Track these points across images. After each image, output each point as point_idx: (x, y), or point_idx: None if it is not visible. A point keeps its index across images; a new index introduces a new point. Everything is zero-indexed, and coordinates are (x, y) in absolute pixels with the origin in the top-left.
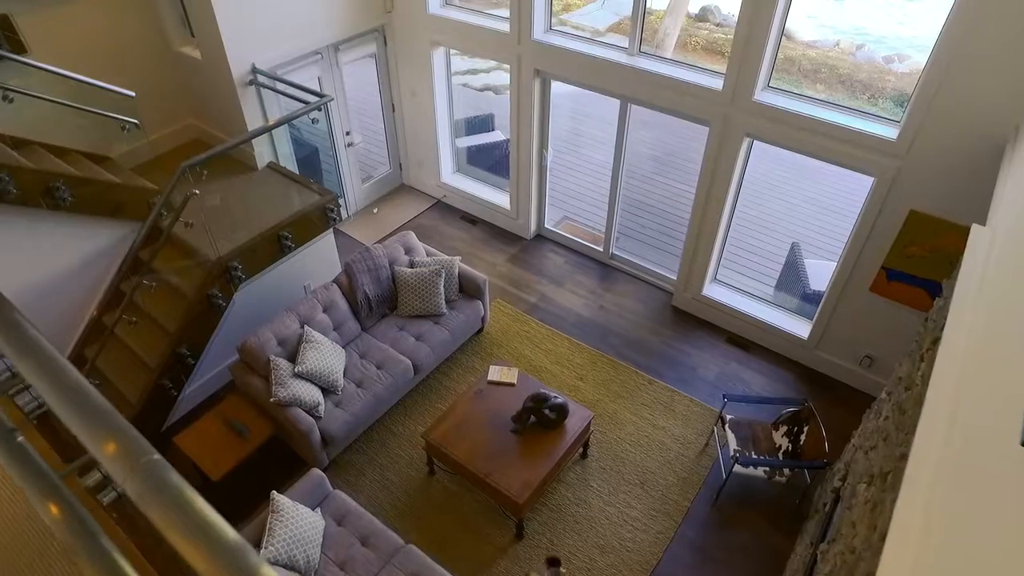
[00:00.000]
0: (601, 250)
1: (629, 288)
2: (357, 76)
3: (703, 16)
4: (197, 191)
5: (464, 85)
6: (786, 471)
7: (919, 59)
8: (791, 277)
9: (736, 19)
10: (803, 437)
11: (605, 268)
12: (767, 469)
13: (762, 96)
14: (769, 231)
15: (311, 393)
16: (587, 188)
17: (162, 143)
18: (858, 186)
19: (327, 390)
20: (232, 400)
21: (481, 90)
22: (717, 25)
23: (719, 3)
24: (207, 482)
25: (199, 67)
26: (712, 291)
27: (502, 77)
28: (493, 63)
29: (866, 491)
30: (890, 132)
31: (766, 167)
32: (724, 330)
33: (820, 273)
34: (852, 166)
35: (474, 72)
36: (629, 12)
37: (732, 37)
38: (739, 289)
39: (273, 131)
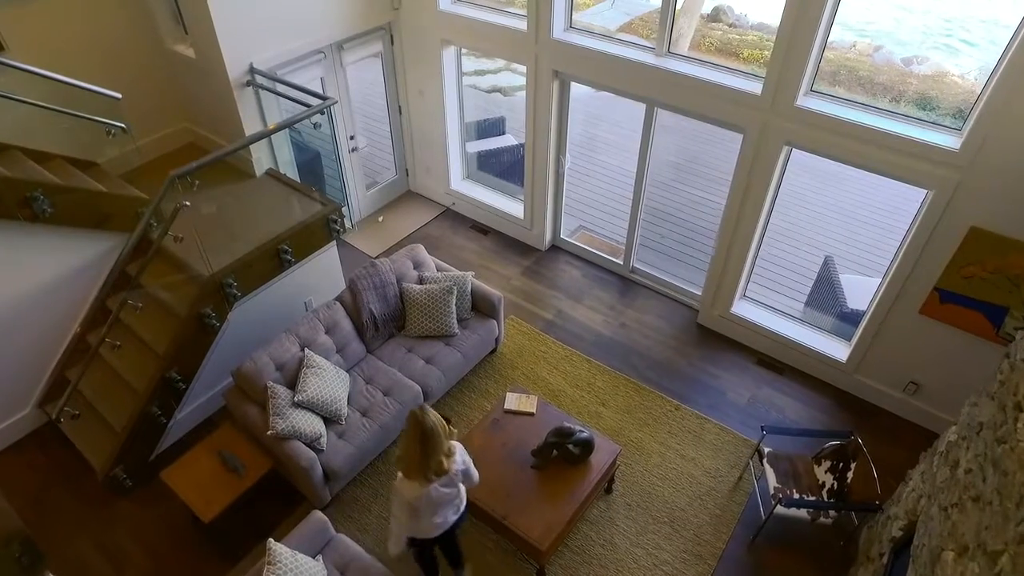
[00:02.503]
0: (621, 263)
1: (651, 304)
2: (362, 77)
3: (716, 16)
4: (188, 203)
5: (471, 86)
6: (832, 511)
7: (938, 61)
8: (825, 294)
9: (750, 19)
10: (850, 474)
11: (625, 282)
12: (811, 510)
13: (805, 101)
14: (795, 242)
15: (312, 424)
16: (602, 195)
17: (154, 148)
18: (890, 195)
19: (329, 420)
20: (225, 430)
21: (489, 92)
22: (730, 26)
23: (732, 3)
24: (197, 524)
25: (193, 67)
26: (741, 308)
27: (511, 78)
28: (501, 63)
29: (957, 564)
30: (951, 141)
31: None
32: (754, 351)
33: (857, 290)
34: (905, 178)
35: (481, 73)
36: (640, 12)
37: (746, 38)
38: (770, 307)
39: (272, 136)
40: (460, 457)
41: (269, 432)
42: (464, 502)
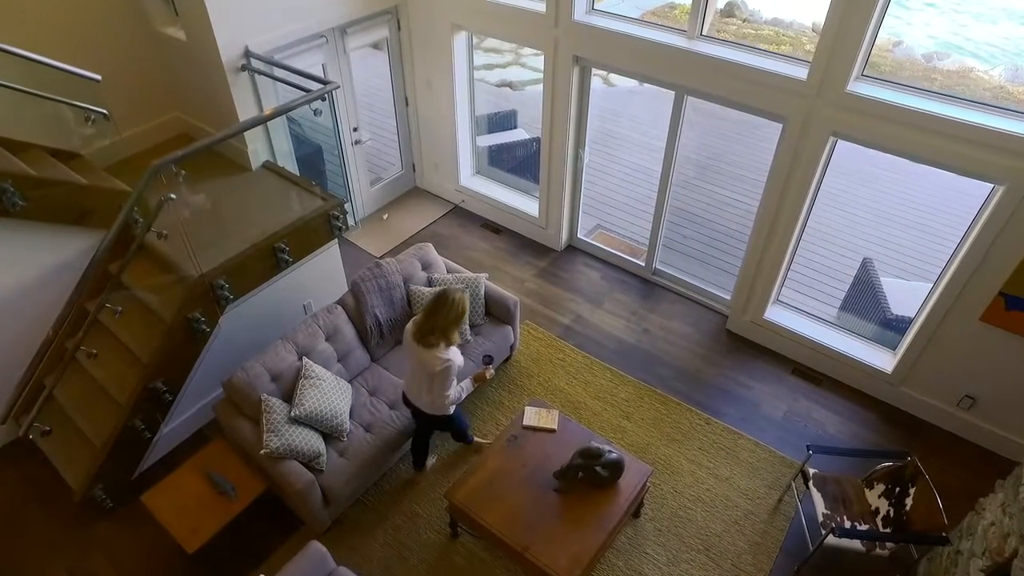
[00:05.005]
0: (642, 264)
1: (676, 309)
2: (366, 68)
3: (729, 12)
4: (173, 196)
5: (480, 81)
6: (888, 543)
7: (960, 57)
8: (864, 298)
9: (763, 15)
10: (908, 500)
11: (647, 285)
12: (866, 540)
13: (856, 86)
14: (827, 243)
15: (310, 441)
16: (620, 193)
17: (144, 138)
18: (926, 194)
19: (330, 436)
20: (215, 447)
21: (498, 86)
22: (744, 21)
23: None
24: (183, 551)
25: (184, 50)
26: (775, 314)
27: (520, 73)
28: (510, 57)
29: None
30: None
31: None
32: (790, 360)
33: (901, 295)
34: (973, 172)
35: (490, 67)
36: (653, 5)
37: (760, 33)
38: (806, 312)
39: (269, 126)
40: (443, 363)
41: (262, 451)
42: (433, 412)
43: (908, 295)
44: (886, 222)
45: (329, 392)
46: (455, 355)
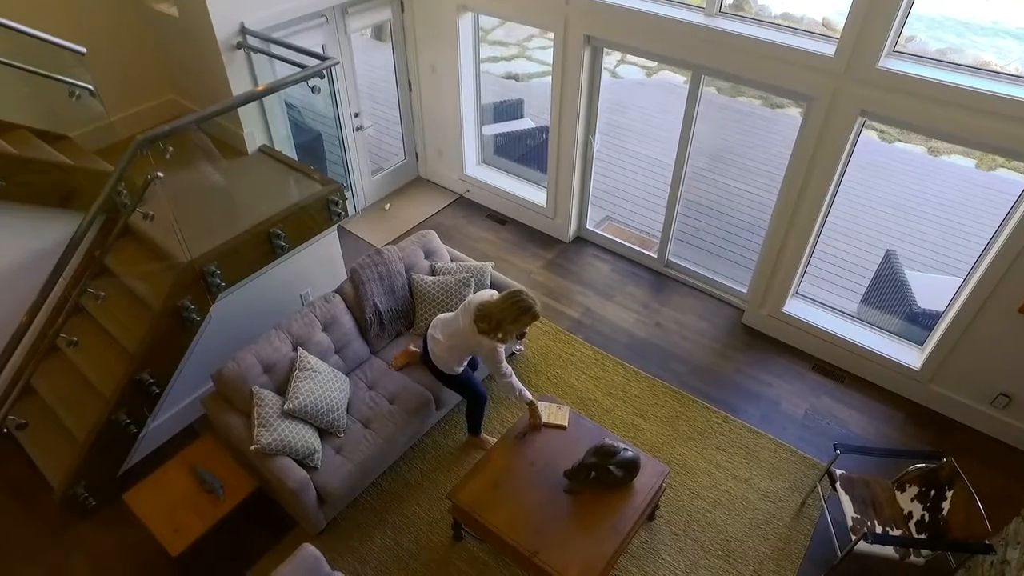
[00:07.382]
0: (654, 256)
1: (690, 302)
2: (369, 60)
3: (739, 5)
4: (161, 174)
5: (485, 72)
6: (924, 550)
7: (973, 53)
8: (888, 292)
9: (772, 10)
10: (945, 504)
11: (660, 278)
12: (900, 547)
13: (888, 62)
14: (846, 235)
15: (305, 437)
16: (630, 184)
17: (136, 122)
18: (941, 186)
19: (326, 432)
20: (203, 442)
21: (505, 78)
22: (754, 15)
23: None
24: (166, 557)
25: (177, 27)
26: (794, 308)
27: (525, 66)
28: (515, 50)
29: None
30: None
31: None
32: (810, 355)
33: (928, 288)
34: (1018, 153)
35: (495, 60)
36: None
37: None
38: (827, 305)
39: (267, 109)
40: (489, 346)
41: (253, 447)
42: (440, 367)
43: (935, 289)
44: (906, 215)
45: (325, 385)
46: (498, 346)
